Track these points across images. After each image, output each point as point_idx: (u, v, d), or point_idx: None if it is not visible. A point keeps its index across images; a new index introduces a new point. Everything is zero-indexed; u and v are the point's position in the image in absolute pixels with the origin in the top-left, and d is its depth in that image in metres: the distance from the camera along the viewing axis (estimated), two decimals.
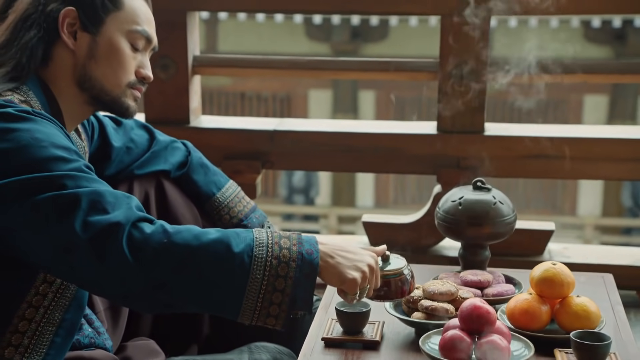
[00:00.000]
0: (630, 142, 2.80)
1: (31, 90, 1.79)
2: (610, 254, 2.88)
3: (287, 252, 1.60)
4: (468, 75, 2.78)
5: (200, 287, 1.60)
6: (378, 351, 1.82)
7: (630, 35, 9.40)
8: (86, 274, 1.59)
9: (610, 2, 2.89)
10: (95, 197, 1.58)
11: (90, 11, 1.81)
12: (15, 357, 1.68)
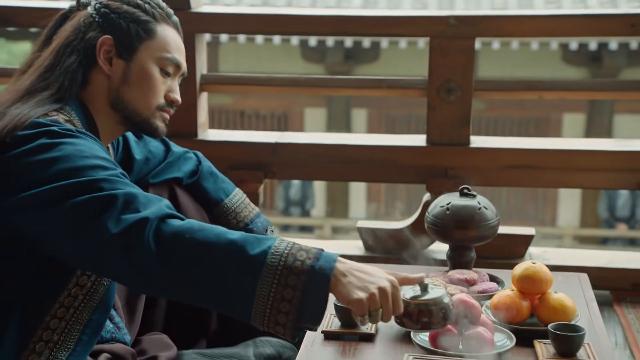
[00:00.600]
0: (604, 154, 2.82)
1: (73, 110, 1.81)
2: (586, 257, 2.91)
3: (299, 264, 1.51)
4: (454, 91, 2.78)
5: (215, 283, 1.57)
6: (373, 343, 1.83)
7: (605, 58, 9.39)
8: (115, 267, 1.59)
9: (585, 25, 2.91)
10: (129, 198, 1.59)
11: (125, 40, 1.84)
12: (45, 352, 1.69)
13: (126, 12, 1.85)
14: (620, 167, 2.80)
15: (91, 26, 1.84)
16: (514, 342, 1.74)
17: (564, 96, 2.94)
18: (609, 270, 2.78)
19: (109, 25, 1.84)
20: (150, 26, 1.86)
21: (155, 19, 1.88)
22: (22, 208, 1.63)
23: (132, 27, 1.84)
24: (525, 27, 2.94)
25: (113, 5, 1.85)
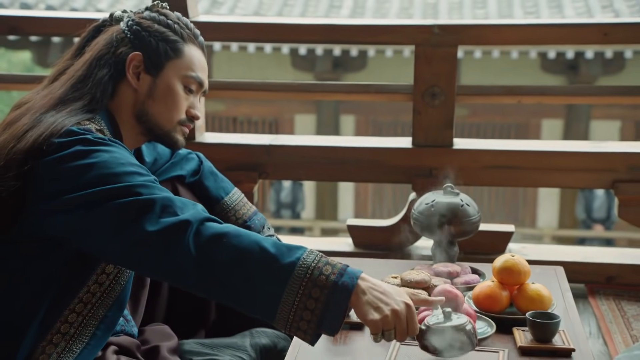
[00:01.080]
0: (580, 155, 2.85)
1: (102, 120, 1.84)
2: (563, 252, 2.95)
3: (324, 278, 1.55)
4: (438, 96, 2.80)
5: (245, 288, 1.59)
6: (362, 331, 1.86)
7: (582, 66, 9.38)
8: (153, 264, 1.62)
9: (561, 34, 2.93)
10: (166, 202, 1.62)
11: (153, 57, 1.87)
12: (61, 344, 1.71)
13: (156, 31, 1.88)
14: (595, 168, 2.82)
15: (123, 41, 1.87)
16: (494, 329, 1.78)
17: (541, 101, 2.98)
18: (584, 265, 2.80)
19: (140, 42, 1.87)
20: (178, 46, 1.89)
21: (183, 39, 1.90)
22: (67, 210, 1.66)
23: (161, 46, 1.87)
24: (505, 35, 2.96)
25: (145, 24, 1.88)
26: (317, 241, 3.11)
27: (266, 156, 2.90)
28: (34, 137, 1.69)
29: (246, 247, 1.57)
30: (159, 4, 1.98)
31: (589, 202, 9.68)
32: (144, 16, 1.91)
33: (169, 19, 1.91)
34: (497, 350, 1.69)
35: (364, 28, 2.99)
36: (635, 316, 2.60)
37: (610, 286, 2.81)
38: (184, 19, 1.96)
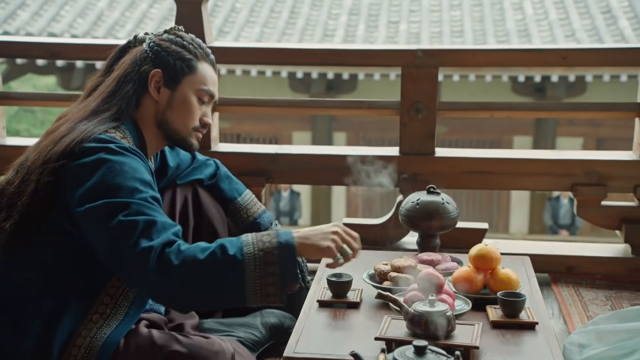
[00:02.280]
0: (544, 162, 2.86)
1: (127, 128, 1.88)
2: (530, 246, 2.97)
3: (269, 245, 1.67)
4: (422, 111, 2.82)
5: (211, 286, 1.67)
6: (359, 309, 1.92)
7: (548, 88, 9.41)
8: (133, 281, 1.73)
9: (527, 57, 2.95)
10: (148, 224, 1.67)
11: (172, 73, 1.92)
12: (99, 322, 1.76)
13: (174, 51, 1.93)
14: (556, 173, 2.84)
15: (145, 60, 1.92)
16: (470, 306, 1.85)
17: (510, 115, 2.95)
18: (548, 256, 2.83)
19: (160, 60, 1.92)
20: (192, 63, 1.94)
21: (197, 58, 1.96)
22: (79, 215, 1.72)
23: (177, 64, 1.92)
24: (479, 59, 2.99)
25: (164, 45, 1.93)
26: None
27: (272, 163, 2.90)
28: (67, 141, 1.77)
29: (198, 255, 1.64)
30: (176, 27, 2.03)
31: (555, 210, 9.69)
32: (163, 38, 1.96)
33: (184, 41, 1.96)
34: (472, 324, 1.73)
35: (357, 52, 3.01)
36: (591, 300, 2.63)
37: (570, 275, 2.83)
38: (197, 40, 2.00)
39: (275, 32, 9.79)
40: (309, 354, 1.68)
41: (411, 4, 10.39)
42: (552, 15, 9.64)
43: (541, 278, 2.55)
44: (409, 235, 2.85)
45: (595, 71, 8.62)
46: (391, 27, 9.81)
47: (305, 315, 1.89)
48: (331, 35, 9.61)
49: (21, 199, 1.76)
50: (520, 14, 9.84)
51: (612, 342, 1.99)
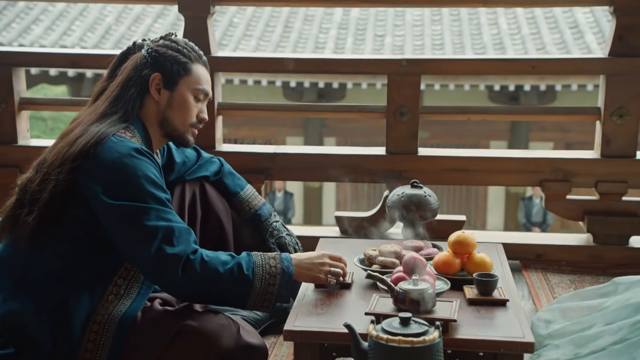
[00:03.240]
0: (515, 160, 2.91)
1: (135, 128, 1.91)
2: (503, 236, 3.01)
3: (274, 269, 1.84)
4: (406, 114, 2.85)
5: (222, 294, 1.81)
6: (350, 290, 1.95)
7: (521, 97, 9.45)
8: (149, 274, 1.81)
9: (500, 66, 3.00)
10: (168, 232, 1.75)
11: (169, 76, 1.95)
12: (114, 301, 1.81)
13: (170, 56, 1.95)
14: (527, 170, 2.88)
15: (145, 65, 1.94)
16: (449, 286, 1.87)
17: (485, 118, 3.02)
18: (519, 245, 2.87)
19: (158, 65, 1.94)
20: (187, 66, 1.96)
21: (191, 60, 1.98)
22: (99, 210, 1.78)
23: (174, 67, 1.95)
24: (457, 67, 3.02)
25: (161, 50, 1.95)
26: (310, 229, 3.06)
27: (270, 162, 2.93)
28: (82, 143, 1.80)
29: (219, 268, 1.78)
30: (171, 33, 2.05)
31: (528, 209, 9.64)
32: (159, 44, 1.97)
33: (179, 45, 1.98)
34: (451, 301, 1.76)
35: (347, 61, 3.04)
36: (556, 284, 2.67)
37: (539, 262, 2.88)
38: (190, 44, 2.01)
39: (270, 44, 9.80)
40: (307, 327, 1.71)
41: (395, 19, 10.41)
42: (525, 30, 9.70)
43: (513, 264, 2.58)
44: (395, 227, 2.89)
45: (564, 81, 8.71)
46: (377, 40, 9.85)
47: (303, 295, 1.91)
48: (322, 48, 9.63)
49: (42, 195, 1.80)
50: (495, 29, 9.89)
51: (573, 318, 2.04)
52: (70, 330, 1.77)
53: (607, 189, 2.85)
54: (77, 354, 1.77)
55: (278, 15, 10.46)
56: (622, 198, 2.87)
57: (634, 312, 1.91)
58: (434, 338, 1.44)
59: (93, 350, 1.77)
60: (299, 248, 2.38)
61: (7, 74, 2.95)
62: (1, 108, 2.98)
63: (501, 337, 1.67)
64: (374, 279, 1.87)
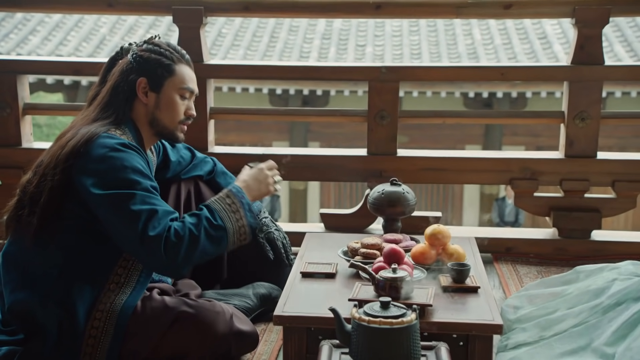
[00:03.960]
0: (486, 160, 2.95)
1: (127, 128, 1.91)
2: (475, 231, 3.06)
3: (235, 206, 1.90)
4: (386, 118, 2.87)
5: (206, 249, 1.81)
6: (334, 279, 2.00)
7: (494, 103, 9.45)
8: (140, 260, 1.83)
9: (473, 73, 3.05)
10: (151, 214, 1.75)
11: (154, 79, 1.94)
12: (116, 290, 1.83)
13: (154, 60, 1.94)
14: (497, 169, 2.91)
15: (131, 70, 1.93)
16: (425, 274, 1.94)
17: (459, 121, 3.01)
18: (491, 239, 2.86)
19: (143, 69, 1.93)
20: (171, 67, 1.95)
21: (174, 62, 1.96)
22: (92, 203, 1.78)
23: (158, 70, 1.94)
24: (432, 74, 3.09)
25: (145, 55, 1.94)
26: (295, 226, 3.08)
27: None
28: (72, 144, 1.81)
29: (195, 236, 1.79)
30: (153, 36, 2.03)
31: (501, 209, 9.61)
32: (143, 49, 1.96)
33: (161, 48, 1.96)
34: (427, 288, 1.82)
35: (331, 68, 3.09)
36: (525, 274, 2.70)
37: (509, 254, 2.92)
38: (172, 45, 1.99)
39: (257, 54, 9.78)
40: (295, 312, 1.76)
41: (376, 29, 10.42)
42: (497, 40, 9.76)
43: (485, 257, 2.54)
44: (376, 223, 2.91)
45: (533, 88, 8.77)
46: (358, 49, 9.86)
47: (291, 284, 1.96)
48: (306, 57, 9.59)
49: (40, 196, 1.81)
50: (470, 39, 9.92)
51: (539, 304, 2.09)
52: (74, 319, 1.79)
53: (571, 186, 2.89)
54: (81, 341, 1.79)
55: (264, 26, 10.42)
56: (584, 195, 2.91)
57: (593, 297, 1.97)
58: (411, 320, 1.47)
59: (96, 337, 1.80)
60: (287, 242, 2.40)
61: (12, 81, 2.96)
62: (6, 113, 2.99)
63: (473, 320, 1.71)
64: (357, 268, 1.92)
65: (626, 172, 2.88)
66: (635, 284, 1.91)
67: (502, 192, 9.72)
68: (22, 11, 7.36)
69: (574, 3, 2.78)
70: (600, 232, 2.94)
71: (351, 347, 1.50)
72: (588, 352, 1.79)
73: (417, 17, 3.10)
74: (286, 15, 3.09)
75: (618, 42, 9.53)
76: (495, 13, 2.92)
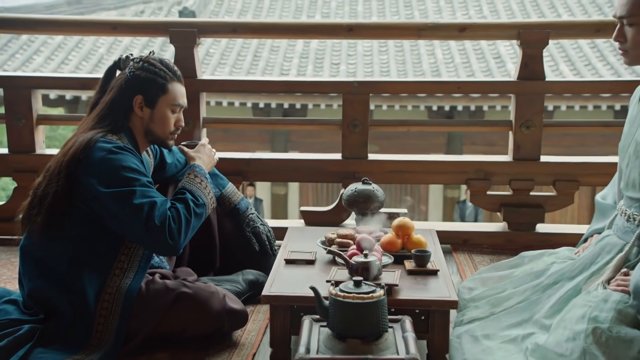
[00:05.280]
0: (445, 163, 3.00)
1: (123, 134, 1.94)
2: (437, 225, 3.06)
3: (203, 183, 2.01)
4: (358, 126, 2.92)
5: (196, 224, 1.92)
6: (314, 265, 2.02)
7: (455, 116, 9.44)
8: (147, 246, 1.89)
9: (434, 87, 3.08)
10: (151, 204, 1.80)
11: (150, 96, 1.97)
12: (120, 275, 1.86)
13: (149, 79, 1.96)
14: (455, 171, 2.97)
15: (128, 87, 1.95)
16: (392, 260, 1.95)
17: (422, 129, 3.17)
18: (450, 232, 2.96)
19: (139, 87, 1.96)
20: (165, 86, 1.97)
21: (167, 81, 1.97)
22: (95, 202, 1.82)
23: (153, 88, 1.96)
24: (398, 88, 3.11)
25: (142, 75, 1.96)
26: (280, 222, 3.14)
27: (246, 166, 2.95)
28: (72, 151, 1.85)
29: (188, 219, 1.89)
30: (150, 52, 2.04)
31: (462, 211, 9.54)
32: (139, 67, 1.96)
33: (156, 68, 1.96)
34: (394, 271, 1.86)
35: (310, 83, 3.13)
36: (479, 262, 2.75)
37: (466, 245, 2.97)
38: (166, 63, 1.99)
39: (241, 71, 9.78)
40: (280, 292, 1.79)
41: (349, 49, 10.45)
42: (457, 59, 9.86)
43: (445, 248, 2.55)
44: (350, 218, 2.96)
45: (489, 102, 8.90)
46: (333, 67, 9.90)
47: (276, 269, 1.98)
48: (286, 74, 9.58)
49: (47, 199, 1.85)
50: (432, 58, 10.00)
51: (490, 285, 2.13)
52: (85, 302, 1.83)
53: (518, 185, 2.94)
54: (92, 320, 1.83)
55: (248, 46, 10.43)
56: (530, 193, 2.96)
57: (535, 278, 2.03)
58: (380, 295, 1.51)
59: (106, 316, 1.84)
60: (272, 236, 2.43)
61: (27, 95, 2.99)
62: (22, 123, 3.01)
63: (432, 297, 1.76)
64: (333, 254, 1.96)
65: (565, 173, 2.93)
66: (569, 266, 1.97)
67: (462, 195, 9.81)
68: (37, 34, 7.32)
69: (518, 27, 2.87)
70: (543, 225, 2.99)
71: (329, 320, 1.53)
72: (530, 324, 1.85)
73: (385, 38, 3.16)
74: (268, 37, 3.13)
75: (563, 61, 9.75)
76: (452, 35, 2.98)
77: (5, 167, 3.04)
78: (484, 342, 1.80)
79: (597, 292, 1.71)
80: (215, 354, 1.90)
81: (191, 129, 2.87)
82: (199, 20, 3.00)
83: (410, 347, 1.49)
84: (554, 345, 1.63)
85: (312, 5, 12.00)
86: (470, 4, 11.85)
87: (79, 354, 1.78)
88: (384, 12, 11.73)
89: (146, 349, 1.88)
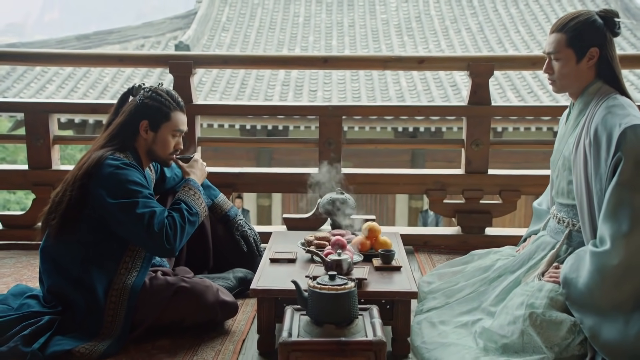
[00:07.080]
0: (409, 175, 3.02)
1: (129, 152, 1.96)
2: (401, 229, 3.01)
3: (197, 194, 2.01)
4: (332, 144, 2.94)
5: (191, 230, 1.93)
6: (295, 263, 2.03)
7: (418, 135, 9.51)
8: (149, 249, 1.90)
9: (397, 111, 3.16)
10: (151, 214, 1.81)
11: (154, 122, 1.99)
12: (125, 274, 1.88)
13: (155, 107, 1.98)
14: (416, 182, 2.99)
15: (137, 112, 1.99)
16: (362, 258, 1.99)
17: (387, 146, 3.09)
18: (412, 235, 2.98)
19: (146, 112, 1.98)
20: (168, 115, 2.00)
21: (170, 109, 2.00)
22: (104, 211, 1.84)
23: (157, 115, 1.98)
24: (367, 111, 3.21)
25: (149, 103, 1.99)
26: (265, 227, 3.01)
27: (236, 179, 2.95)
28: (85, 166, 1.88)
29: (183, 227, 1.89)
30: (159, 83, 2.07)
31: (425, 220, 9.54)
32: (148, 96, 1.99)
33: (162, 98, 1.99)
34: (363, 267, 1.90)
35: (291, 107, 3.19)
36: (437, 261, 2.75)
37: (426, 247, 2.99)
38: (171, 94, 2.01)
39: (230, 97, 9.70)
40: (266, 286, 1.82)
41: (324, 78, 10.48)
42: (419, 87, 9.93)
43: (408, 249, 2.76)
44: (326, 224, 2.93)
45: (447, 124, 9.02)
46: (311, 94, 9.90)
47: (262, 267, 2.00)
48: (270, 100, 9.58)
49: (62, 205, 1.87)
50: (398, 86, 10.06)
51: (445, 279, 2.19)
52: (96, 298, 1.84)
53: (470, 195, 2.98)
54: (103, 313, 1.84)
55: (236, 75, 10.39)
56: (479, 201, 2.99)
57: (483, 272, 2.09)
58: (351, 287, 1.55)
59: (114, 309, 1.85)
60: (258, 239, 2.44)
61: (45, 118, 3.00)
62: (40, 143, 3.02)
63: (396, 289, 1.80)
64: (312, 253, 2.00)
65: (509, 184, 2.98)
66: (510, 262, 2.03)
67: (425, 205, 9.87)
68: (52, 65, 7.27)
69: (468, 60, 2.94)
70: (491, 228, 3.03)
71: (308, 309, 1.57)
72: (478, 311, 1.91)
73: (356, 68, 3.18)
74: (254, 67, 3.13)
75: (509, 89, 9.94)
76: (412, 66, 3.02)
77: (25, 181, 3.05)
78: (440, 327, 1.86)
79: (533, 283, 1.77)
80: (210, 340, 1.91)
81: (187, 146, 2.89)
82: (195, 54, 3.03)
83: (378, 331, 1.53)
84: (498, 328, 1.70)
85: (292, 40, 12.07)
86: (430, 39, 12.04)
87: (92, 341, 1.80)
88: (355, 45, 11.83)
89: (150, 337, 1.89)
